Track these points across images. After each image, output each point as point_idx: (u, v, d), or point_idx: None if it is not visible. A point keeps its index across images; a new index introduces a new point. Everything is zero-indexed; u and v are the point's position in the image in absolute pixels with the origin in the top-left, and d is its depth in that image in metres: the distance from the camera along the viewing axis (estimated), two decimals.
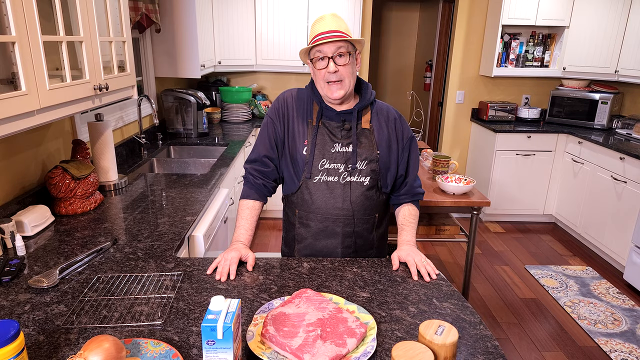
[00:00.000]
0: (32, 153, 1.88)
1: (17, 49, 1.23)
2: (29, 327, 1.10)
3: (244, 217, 1.54)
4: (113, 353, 0.90)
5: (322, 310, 1.11)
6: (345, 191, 1.48)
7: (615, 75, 3.98)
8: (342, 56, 1.40)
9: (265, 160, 1.55)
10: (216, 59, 3.79)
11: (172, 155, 3.24)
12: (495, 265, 3.65)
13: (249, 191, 1.57)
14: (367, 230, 1.55)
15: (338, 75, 1.40)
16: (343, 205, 1.49)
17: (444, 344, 0.93)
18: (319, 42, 1.38)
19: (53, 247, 1.53)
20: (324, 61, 1.41)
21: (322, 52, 1.40)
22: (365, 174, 1.49)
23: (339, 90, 1.43)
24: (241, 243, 1.48)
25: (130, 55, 1.99)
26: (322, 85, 1.44)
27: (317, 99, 1.51)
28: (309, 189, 1.50)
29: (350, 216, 1.50)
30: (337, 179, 1.48)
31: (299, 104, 1.53)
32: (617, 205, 3.49)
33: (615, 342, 2.68)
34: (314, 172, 1.48)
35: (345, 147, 1.48)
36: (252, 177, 1.57)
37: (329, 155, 1.48)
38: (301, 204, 1.53)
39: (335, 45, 1.39)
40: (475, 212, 2.43)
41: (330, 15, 1.42)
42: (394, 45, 6.47)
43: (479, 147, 4.54)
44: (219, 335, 0.86)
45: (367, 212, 1.52)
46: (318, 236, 1.53)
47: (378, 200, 1.55)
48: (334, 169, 1.48)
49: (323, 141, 1.48)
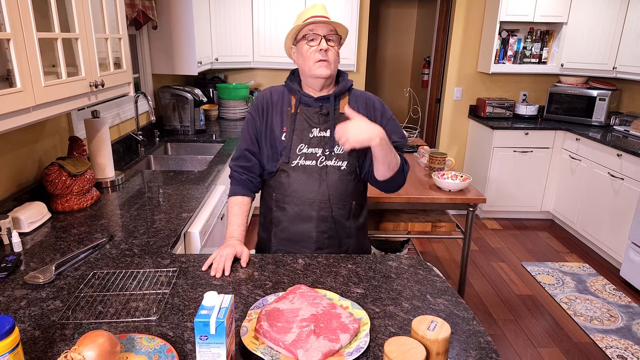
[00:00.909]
0: (28, 150, 1.88)
1: (12, 46, 1.23)
2: (24, 322, 1.10)
3: (235, 213, 1.55)
4: (107, 348, 0.90)
5: (316, 306, 1.11)
6: (321, 175, 1.51)
7: (613, 71, 3.98)
8: (332, 40, 1.48)
9: (247, 155, 1.58)
10: (213, 56, 3.78)
11: (169, 152, 3.24)
12: (492, 261, 3.66)
13: (236, 188, 1.59)
14: (344, 216, 1.56)
15: (327, 55, 1.46)
16: (319, 189, 1.51)
17: (437, 339, 0.94)
18: (314, 20, 1.45)
19: (49, 243, 1.54)
20: (315, 40, 1.46)
21: (315, 31, 1.46)
22: (342, 158, 1.51)
23: (327, 69, 1.47)
24: (235, 239, 1.49)
25: (127, 52, 1.99)
26: (310, 65, 1.48)
27: (295, 90, 1.54)
28: (287, 172, 1.52)
29: (326, 200, 1.52)
30: (314, 163, 1.51)
31: (277, 97, 1.57)
32: (614, 202, 3.50)
33: (611, 339, 2.70)
34: (292, 156, 1.51)
35: (323, 132, 1.51)
36: (237, 173, 1.59)
37: (307, 140, 1.51)
38: (278, 187, 1.55)
39: (328, 28, 1.47)
40: (472, 208, 2.44)
41: (321, 5, 1.51)
42: (392, 42, 6.46)
43: (476, 143, 4.54)
44: (212, 330, 0.87)
45: (342, 197, 1.54)
46: (294, 220, 1.55)
47: (355, 187, 1.56)
48: (312, 153, 1.51)
49: (302, 127, 1.52)
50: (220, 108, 4.14)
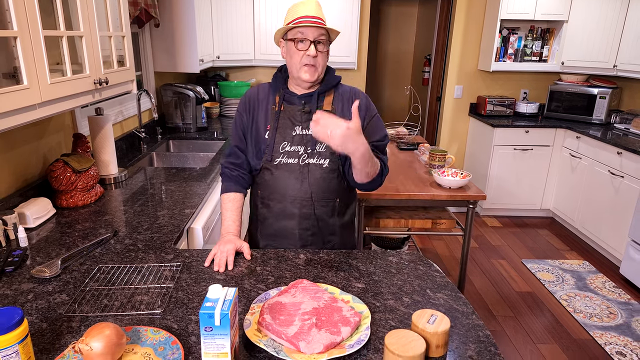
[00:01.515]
0: (33, 146, 1.90)
1: (19, 44, 1.25)
2: (32, 315, 1.12)
3: (228, 210, 1.57)
4: (114, 339, 0.92)
5: (318, 300, 1.13)
6: (303, 173, 1.52)
7: (614, 69, 3.99)
8: (322, 43, 1.45)
9: (237, 152, 1.60)
10: (215, 54, 3.80)
11: (172, 149, 3.26)
12: (492, 259, 3.68)
13: (228, 185, 1.60)
14: (327, 214, 1.58)
15: (315, 61, 1.44)
16: (301, 187, 1.52)
17: (436, 332, 0.96)
18: (305, 24, 1.41)
19: (55, 238, 1.56)
20: (304, 44, 1.43)
21: (304, 35, 1.42)
22: (324, 156, 1.52)
23: (313, 75, 1.46)
24: (232, 234, 1.51)
25: (130, 50, 2.01)
26: (297, 67, 1.46)
27: (280, 87, 1.54)
28: (270, 170, 1.54)
29: (308, 198, 1.53)
30: (296, 161, 1.52)
31: (263, 95, 1.57)
32: (614, 199, 3.51)
33: (610, 335, 2.72)
34: (275, 154, 1.52)
35: (305, 130, 1.51)
36: (228, 170, 1.61)
37: (289, 138, 1.51)
38: (263, 184, 1.57)
39: (319, 32, 1.43)
40: (472, 205, 2.46)
41: (314, 3, 1.45)
42: (393, 40, 6.47)
43: (477, 141, 4.56)
44: (217, 322, 0.89)
45: (325, 194, 1.55)
46: (278, 217, 1.57)
47: (339, 184, 1.57)
48: (294, 151, 1.52)
49: (284, 125, 1.52)
50: (221, 106, 4.15)
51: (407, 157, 3.04)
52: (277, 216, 1.58)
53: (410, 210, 2.62)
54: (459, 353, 1.03)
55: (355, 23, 4.03)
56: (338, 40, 4.03)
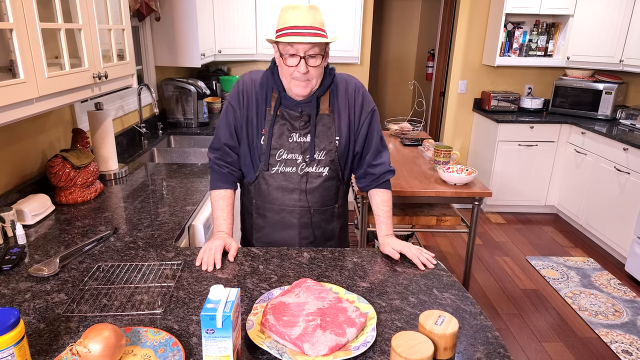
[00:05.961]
0: (32, 142, 1.87)
1: (15, 36, 1.21)
2: (29, 315, 1.10)
3: (219, 208, 1.51)
4: (113, 341, 0.90)
5: (322, 300, 1.11)
6: (301, 182, 1.46)
7: (620, 65, 3.94)
8: (314, 57, 1.31)
9: (227, 150, 1.51)
10: (216, 48, 3.76)
11: (173, 145, 3.23)
12: (496, 256, 3.65)
13: (217, 182, 1.53)
14: (326, 221, 1.54)
15: (307, 76, 1.33)
16: (299, 197, 1.47)
17: (444, 334, 0.93)
18: (295, 35, 1.27)
19: (53, 235, 1.53)
20: (293, 58, 1.30)
21: (294, 49, 1.29)
22: (323, 164, 1.46)
23: (305, 89, 1.35)
24: (224, 232, 1.47)
25: (130, 43, 1.97)
26: (287, 80, 1.36)
27: (276, 87, 1.42)
28: (266, 179, 1.47)
29: (307, 207, 1.49)
30: (294, 169, 1.45)
31: (258, 90, 1.45)
32: (620, 196, 3.47)
33: (616, 333, 2.69)
34: (271, 162, 1.45)
35: (303, 137, 1.44)
36: (218, 166, 1.53)
37: (287, 145, 1.44)
38: (258, 194, 1.51)
39: (310, 45, 1.28)
40: (477, 202, 2.43)
41: (307, 7, 1.29)
42: (396, 35, 6.41)
43: (481, 137, 4.52)
44: (218, 324, 0.86)
45: (325, 202, 1.51)
46: (275, 227, 1.53)
47: (339, 190, 1.53)
48: (291, 159, 1.45)
49: (281, 131, 1.43)
50: (223, 101, 4.12)
51: (411, 153, 3.01)
52: (274, 226, 1.53)
53: (414, 207, 2.59)
54: (467, 355, 1.00)
55: (359, 16, 3.98)
56: (341, 34, 3.99)
